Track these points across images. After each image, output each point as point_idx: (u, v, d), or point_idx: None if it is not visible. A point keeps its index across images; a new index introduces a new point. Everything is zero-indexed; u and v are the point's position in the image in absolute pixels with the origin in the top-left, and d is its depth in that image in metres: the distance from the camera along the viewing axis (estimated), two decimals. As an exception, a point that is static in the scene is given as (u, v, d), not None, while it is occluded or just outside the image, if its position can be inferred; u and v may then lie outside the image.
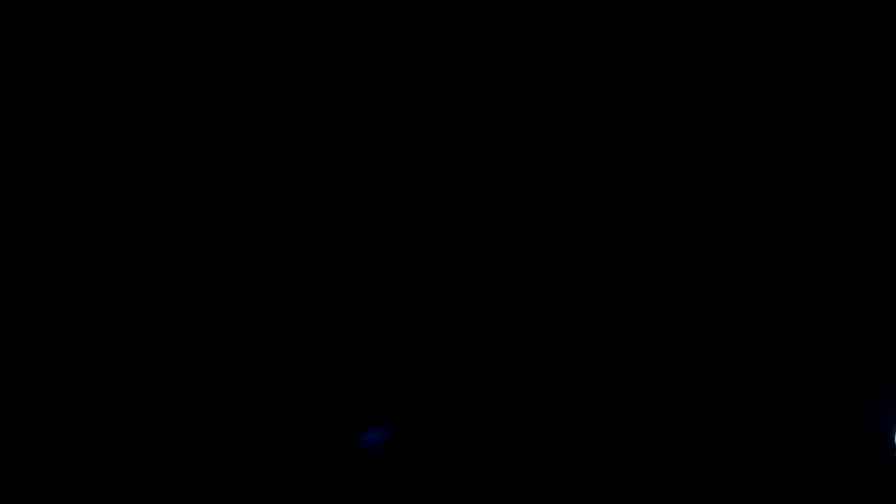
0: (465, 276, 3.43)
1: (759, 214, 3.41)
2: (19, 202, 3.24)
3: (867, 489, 3.20)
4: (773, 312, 3.39)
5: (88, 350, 3.25)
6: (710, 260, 3.42)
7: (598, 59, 3.37)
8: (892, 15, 3.28)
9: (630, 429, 3.35)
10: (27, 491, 3.14)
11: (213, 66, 3.29)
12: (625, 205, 3.43)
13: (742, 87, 3.39)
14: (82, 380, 3.24)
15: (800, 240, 3.40)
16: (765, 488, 3.27)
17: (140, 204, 3.30)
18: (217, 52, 3.28)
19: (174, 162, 3.31)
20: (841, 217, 3.39)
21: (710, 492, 3.29)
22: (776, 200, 3.40)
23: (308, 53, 3.32)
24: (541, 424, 3.36)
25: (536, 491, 3.30)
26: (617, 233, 3.43)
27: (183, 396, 3.26)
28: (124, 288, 3.29)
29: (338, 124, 3.37)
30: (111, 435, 3.22)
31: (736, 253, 3.42)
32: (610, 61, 3.37)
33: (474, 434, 3.33)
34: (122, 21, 3.21)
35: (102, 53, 3.23)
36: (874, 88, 3.35)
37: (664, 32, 3.36)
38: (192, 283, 3.32)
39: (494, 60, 3.37)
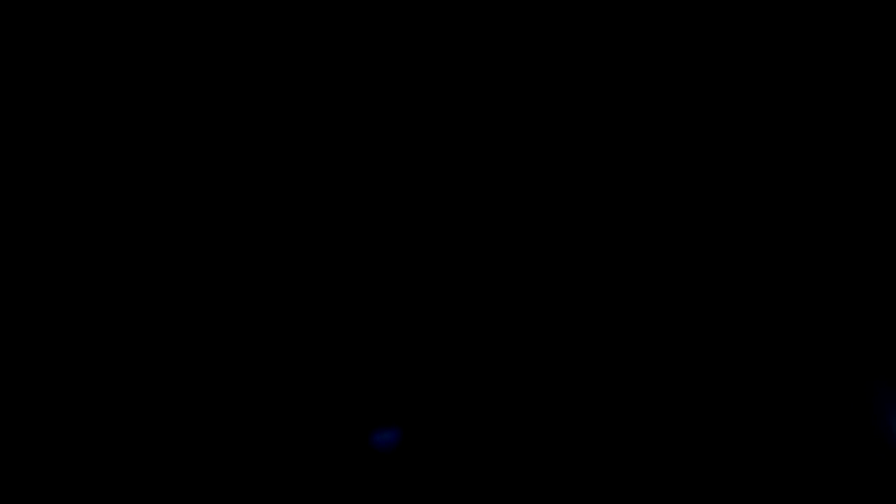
0: (467, 275, 3.43)
1: (758, 214, 3.41)
2: (19, 202, 3.24)
3: (867, 481, 3.21)
4: (771, 308, 3.39)
5: (88, 350, 3.25)
6: (708, 257, 3.43)
7: (598, 59, 3.38)
8: (892, 15, 3.28)
9: (631, 429, 3.36)
10: (27, 491, 3.14)
11: (213, 66, 3.29)
12: (625, 205, 3.44)
13: (742, 87, 3.39)
14: (82, 380, 3.24)
15: (797, 237, 3.41)
16: (763, 482, 3.28)
17: (140, 204, 3.30)
18: (217, 52, 3.28)
19: (174, 162, 3.31)
20: (837, 214, 3.40)
21: (705, 485, 3.29)
22: (776, 200, 3.41)
23: (308, 53, 3.32)
24: (544, 424, 3.36)
25: (539, 491, 3.30)
26: (617, 233, 3.44)
27: (184, 396, 3.27)
28: (124, 288, 3.30)
29: (338, 124, 3.37)
30: (111, 435, 3.23)
31: (734, 250, 3.43)
32: (610, 61, 3.38)
33: (478, 434, 3.34)
34: (122, 21, 3.22)
35: (102, 53, 3.23)
36: (874, 88, 3.36)
37: (664, 32, 3.36)
38: (192, 283, 3.33)
39: (494, 61, 3.37)
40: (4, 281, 3.22)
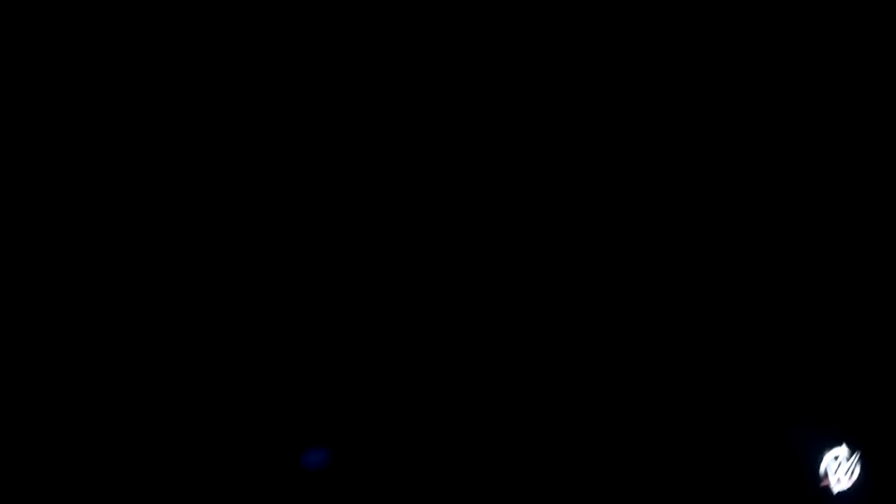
0: (460, 275, 3.43)
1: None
2: (19, 202, 3.24)
3: None
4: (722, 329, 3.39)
5: (88, 350, 3.25)
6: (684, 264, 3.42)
7: (599, 59, 3.38)
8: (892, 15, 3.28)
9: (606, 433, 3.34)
10: (27, 491, 3.14)
11: (213, 66, 3.29)
12: (625, 205, 3.44)
13: (742, 87, 3.39)
14: (82, 380, 3.24)
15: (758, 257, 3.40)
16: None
17: (140, 204, 3.30)
18: (217, 51, 3.28)
19: (174, 162, 3.31)
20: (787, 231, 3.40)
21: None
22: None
23: (308, 53, 3.32)
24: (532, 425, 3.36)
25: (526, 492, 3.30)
26: (617, 233, 3.44)
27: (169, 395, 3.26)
28: (123, 288, 3.30)
29: (338, 124, 3.37)
30: (110, 435, 3.23)
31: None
32: (610, 61, 3.38)
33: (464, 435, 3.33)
34: (122, 21, 3.22)
35: (102, 53, 3.23)
36: (874, 88, 3.36)
37: (664, 32, 3.36)
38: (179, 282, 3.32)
39: (494, 60, 3.37)
40: (4, 281, 3.23)
